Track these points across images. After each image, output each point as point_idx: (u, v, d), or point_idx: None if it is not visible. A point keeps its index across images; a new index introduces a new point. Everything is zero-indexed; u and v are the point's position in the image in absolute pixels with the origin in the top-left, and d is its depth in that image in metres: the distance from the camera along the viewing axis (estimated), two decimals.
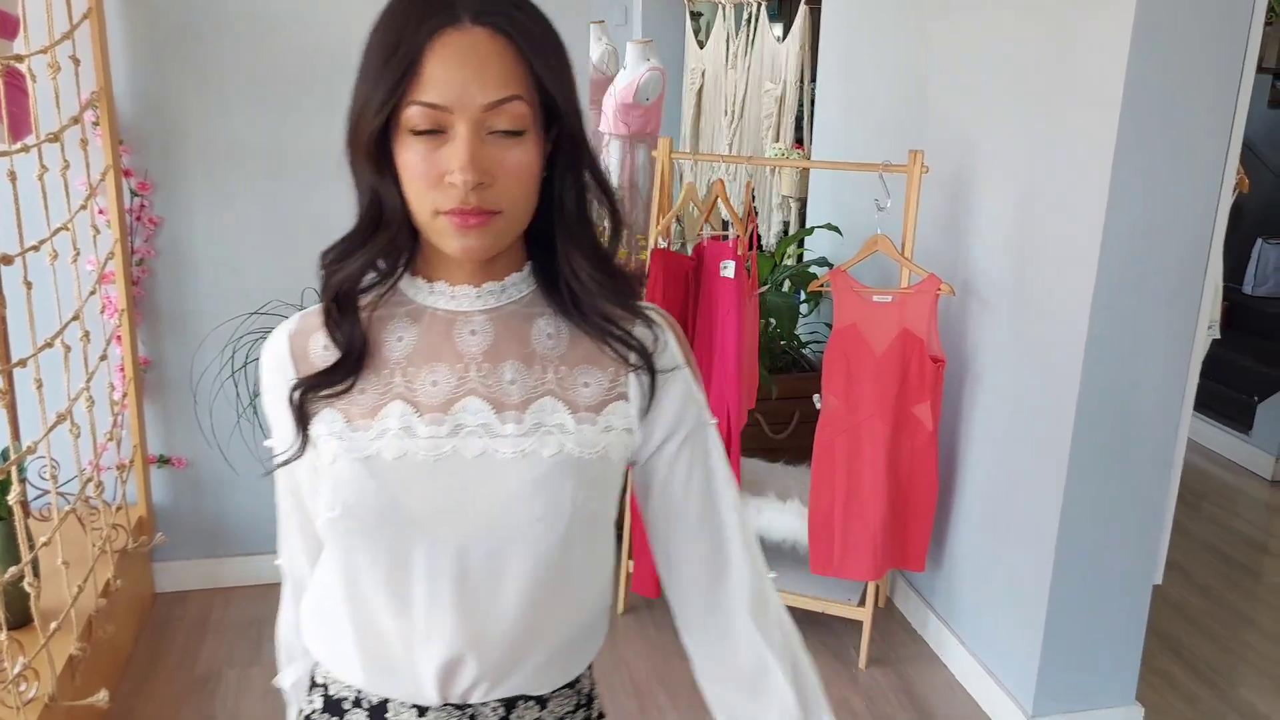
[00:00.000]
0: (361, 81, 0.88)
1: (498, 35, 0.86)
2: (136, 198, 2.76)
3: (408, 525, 0.92)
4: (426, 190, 0.87)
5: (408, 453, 0.92)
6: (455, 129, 0.85)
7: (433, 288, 0.96)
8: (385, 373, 0.95)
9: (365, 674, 0.98)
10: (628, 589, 3.00)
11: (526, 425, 0.93)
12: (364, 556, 0.94)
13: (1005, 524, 2.57)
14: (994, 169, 2.57)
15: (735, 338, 2.68)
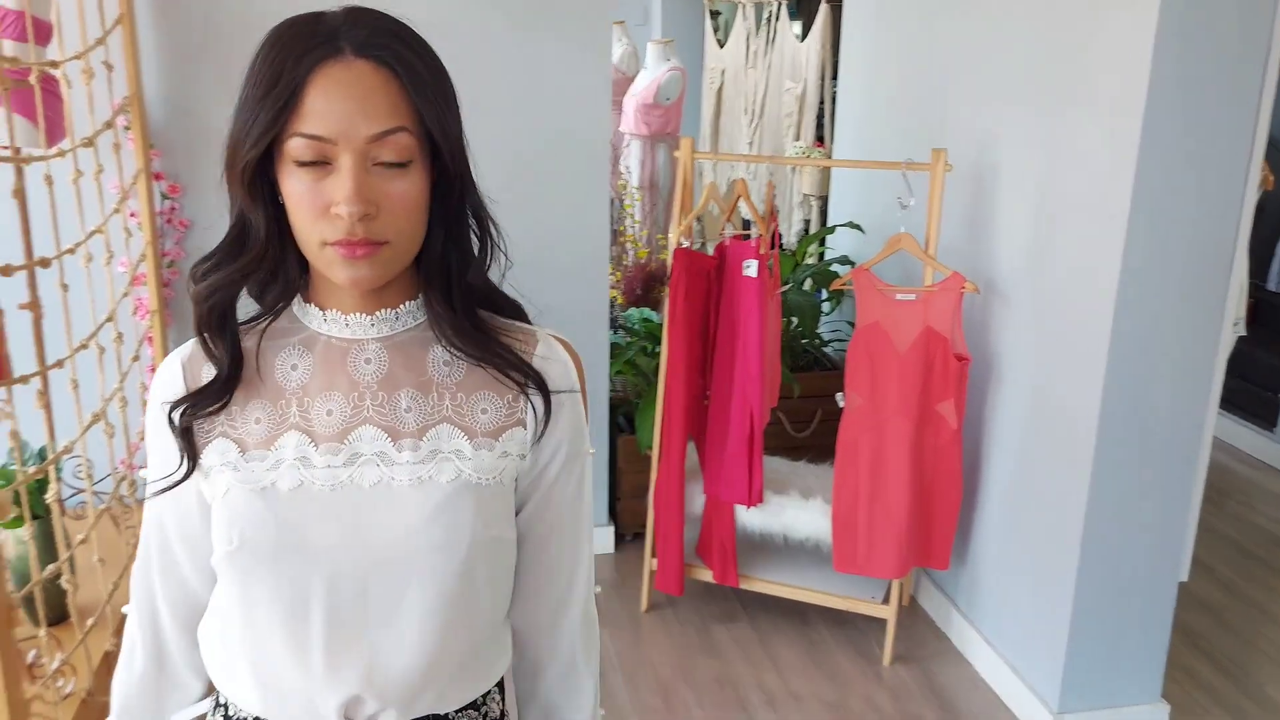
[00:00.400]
0: (241, 109, 0.87)
1: (381, 68, 0.86)
2: (167, 200, 2.80)
3: (306, 557, 0.91)
4: (313, 221, 0.87)
5: (304, 483, 0.92)
6: (340, 160, 0.85)
7: (325, 315, 0.96)
8: (281, 403, 0.95)
9: (264, 705, 0.96)
10: (651, 587, 3.02)
11: (423, 452, 0.93)
12: (262, 590, 0.93)
13: (1029, 521, 2.57)
14: (1016, 166, 2.57)
15: (758, 336, 2.70)
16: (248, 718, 0.99)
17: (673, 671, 2.77)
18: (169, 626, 1.04)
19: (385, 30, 0.88)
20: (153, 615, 1.04)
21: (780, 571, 2.95)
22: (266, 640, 0.94)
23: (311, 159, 0.85)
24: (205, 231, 2.84)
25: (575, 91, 2.97)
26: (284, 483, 0.92)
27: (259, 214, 0.90)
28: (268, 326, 0.97)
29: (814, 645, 2.90)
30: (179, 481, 0.95)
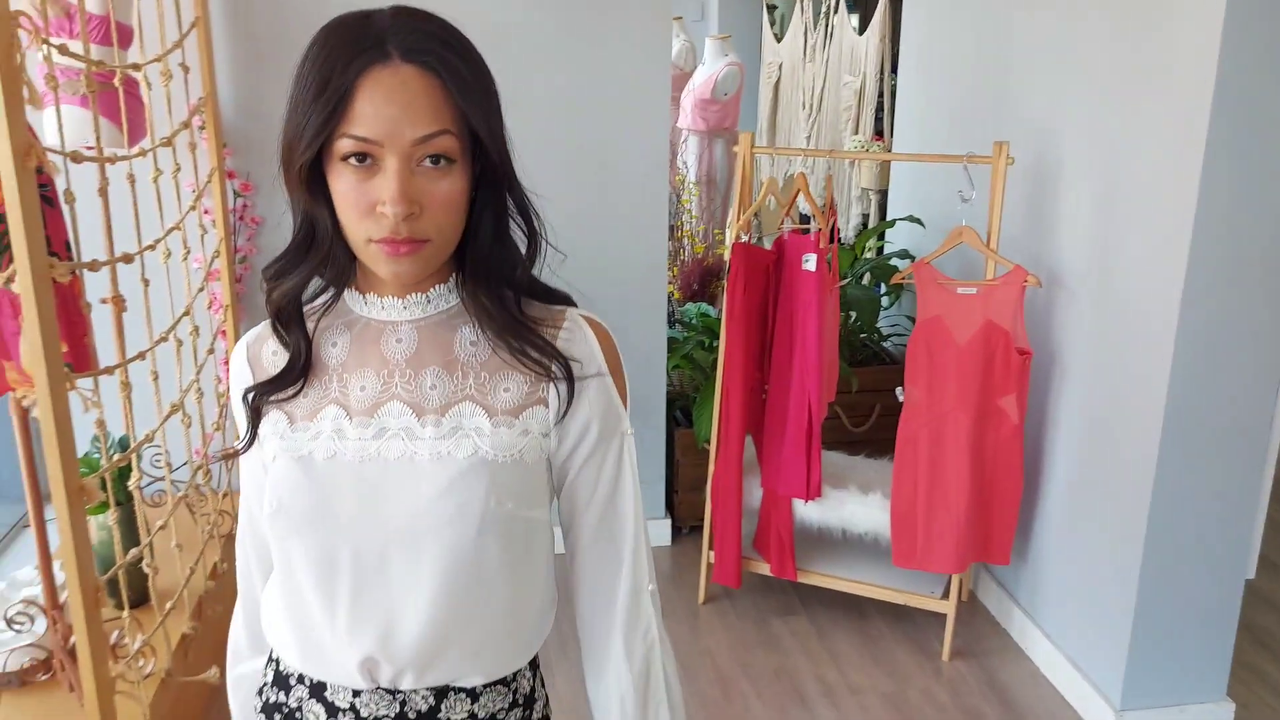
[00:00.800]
0: (294, 112, 0.92)
1: (426, 73, 0.89)
2: (239, 198, 2.88)
3: (335, 524, 0.97)
4: (359, 219, 0.91)
5: (337, 454, 0.98)
6: (385, 162, 0.89)
7: (365, 300, 1.01)
8: (324, 378, 1.01)
9: (301, 658, 1.04)
10: (708, 579, 3.05)
11: (444, 429, 0.98)
12: (298, 552, 0.99)
13: (1092, 517, 2.55)
14: (1079, 158, 2.55)
15: (816, 331, 2.70)
16: (293, 672, 1.06)
17: (731, 663, 2.79)
18: (258, 585, 1.13)
19: (431, 35, 0.91)
20: (247, 575, 1.14)
21: (838, 565, 2.96)
22: (302, 598, 1.01)
23: (359, 159, 0.89)
24: (276, 228, 2.92)
25: (635, 88, 3.00)
26: (320, 452, 0.99)
27: (322, 212, 0.95)
28: (324, 312, 1.03)
29: (872, 639, 2.90)
30: (239, 453, 1.05)
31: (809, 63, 5.23)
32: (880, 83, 4.59)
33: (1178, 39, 2.16)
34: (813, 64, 5.18)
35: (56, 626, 2.08)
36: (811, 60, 5.21)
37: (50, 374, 1.65)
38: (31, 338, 1.63)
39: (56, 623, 2.08)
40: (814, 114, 5.06)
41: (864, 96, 4.62)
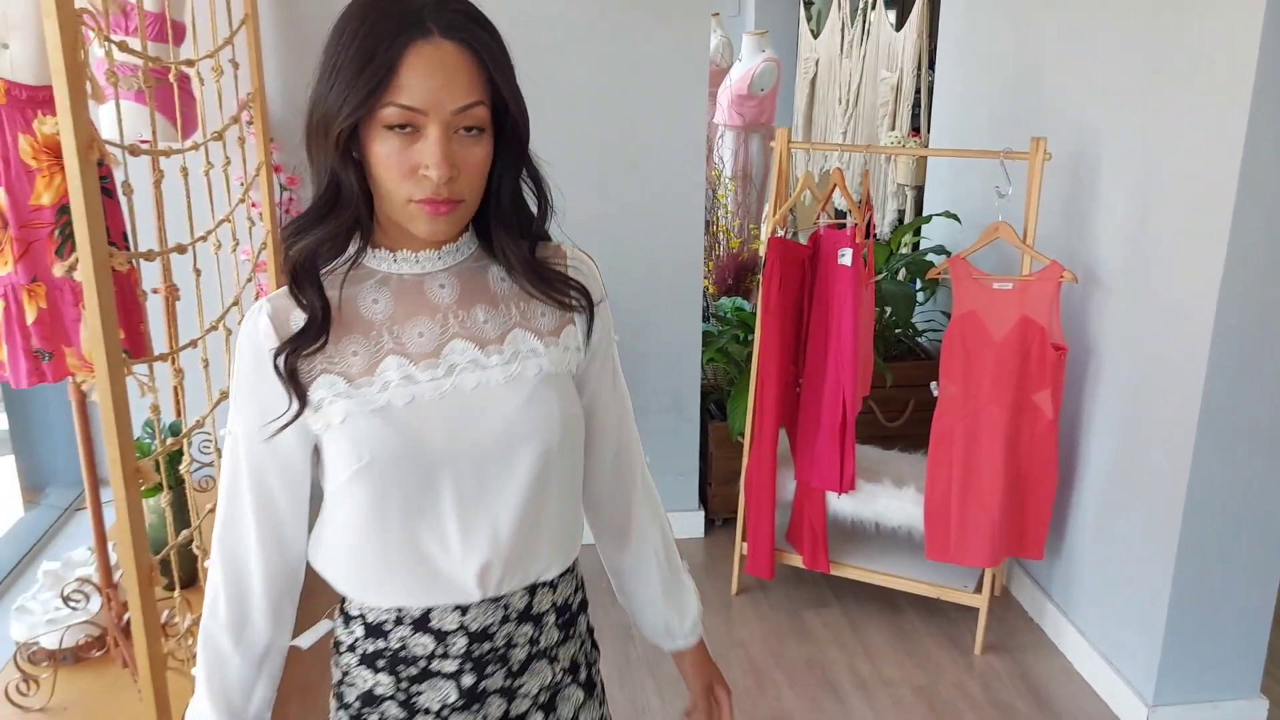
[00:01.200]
0: (332, 82, 0.99)
1: (463, 48, 0.98)
2: (285, 192, 2.95)
3: (430, 458, 1.05)
4: (401, 181, 0.98)
5: (415, 397, 1.05)
6: (428, 130, 0.97)
7: (395, 257, 1.08)
8: (373, 334, 1.07)
9: (408, 593, 1.10)
10: (741, 571, 3.08)
11: (507, 355, 1.09)
12: (395, 494, 1.06)
13: (1127, 513, 2.55)
14: (1117, 154, 2.55)
15: (851, 325, 2.72)
16: (387, 618, 1.11)
17: (763, 654, 2.82)
18: (255, 574, 1.13)
19: (465, 14, 0.99)
20: (238, 567, 1.13)
21: (871, 558, 2.98)
22: (407, 531, 1.07)
23: (401, 125, 0.97)
24: None
25: (673, 84, 3.03)
26: (398, 400, 1.05)
27: (350, 174, 1.01)
28: (348, 273, 1.08)
29: (904, 632, 2.92)
30: (294, 419, 1.05)
31: (846, 58, 5.23)
32: (917, 78, 4.59)
33: (1217, 34, 2.16)
34: (849, 60, 5.18)
35: (110, 605, 2.15)
36: (848, 56, 5.22)
37: (109, 360, 1.71)
38: (91, 324, 1.69)
39: (111, 601, 2.15)
40: (850, 110, 5.07)
41: (900, 92, 4.62)
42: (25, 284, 1.92)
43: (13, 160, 1.86)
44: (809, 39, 5.80)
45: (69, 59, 1.56)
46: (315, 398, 1.06)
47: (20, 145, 1.86)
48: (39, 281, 1.93)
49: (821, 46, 5.57)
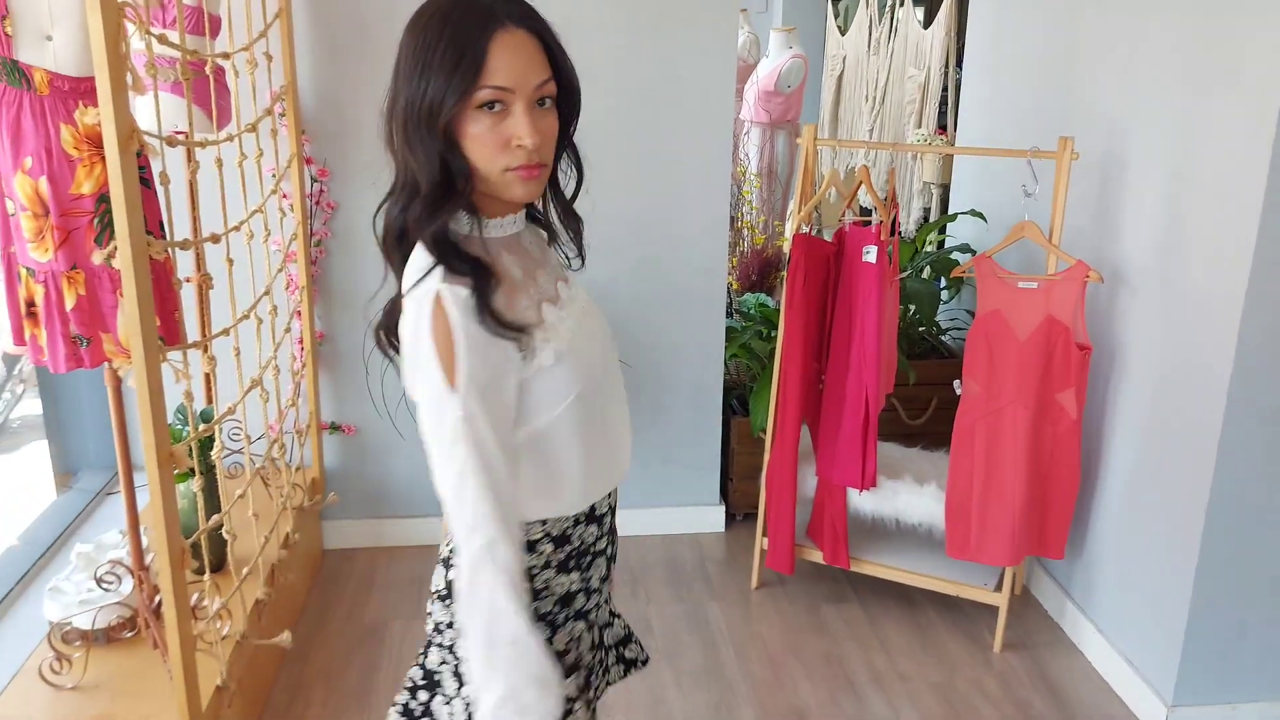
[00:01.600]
0: (427, 78, 1.12)
1: (532, 35, 1.15)
2: (316, 184, 2.99)
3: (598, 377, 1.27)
4: (495, 154, 1.15)
5: (573, 337, 1.23)
6: (514, 106, 1.13)
7: (500, 223, 1.24)
8: (528, 289, 1.24)
9: (601, 489, 1.33)
10: (761, 565, 3.10)
11: (573, 290, 1.31)
12: (597, 408, 1.27)
13: (1149, 513, 2.55)
14: (1145, 154, 2.55)
15: (875, 322, 2.73)
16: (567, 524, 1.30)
17: (782, 647, 2.84)
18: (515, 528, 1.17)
19: (526, 7, 1.16)
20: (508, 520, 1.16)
21: (891, 555, 2.99)
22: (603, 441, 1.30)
23: (492, 105, 1.13)
24: (351, 213, 3.02)
25: (701, 80, 3.05)
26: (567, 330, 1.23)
27: (457, 157, 1.16)
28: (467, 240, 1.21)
29: (923, 629, 2.93)
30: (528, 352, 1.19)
31: (873, 56, 5.23)
32: (944, 76, 4.58)
33: (1251, 34, 2.16)
34: (876, 57, 5.18)
35: (142, 587, 2.20)
36: (875, 53, 5.21)
37: (146, 346, 1.75)
38: (129, 311, 1.73)
39: (142, 583, 2.20)
40: (877, 107, 5.07)
41: (928, 90, 4.61)
42: (65, 271, 1.97)
43: (54, 150, 1.90)
44: (836, 36, 5.79)
45: (111, 51, 1.60)
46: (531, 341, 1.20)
47: (62, 135, 1.90)
48: (78, 269, 1.97)
49: (849, 43, 5.56)
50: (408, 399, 3.05)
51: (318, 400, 3.11)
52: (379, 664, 2.73)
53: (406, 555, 3.26)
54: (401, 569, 3.19)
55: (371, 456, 3.23)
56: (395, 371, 3.03)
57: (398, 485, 3.26)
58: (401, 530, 3.28)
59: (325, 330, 3.11)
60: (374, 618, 2.94)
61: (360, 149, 2.97)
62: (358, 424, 3.19)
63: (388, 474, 3.25)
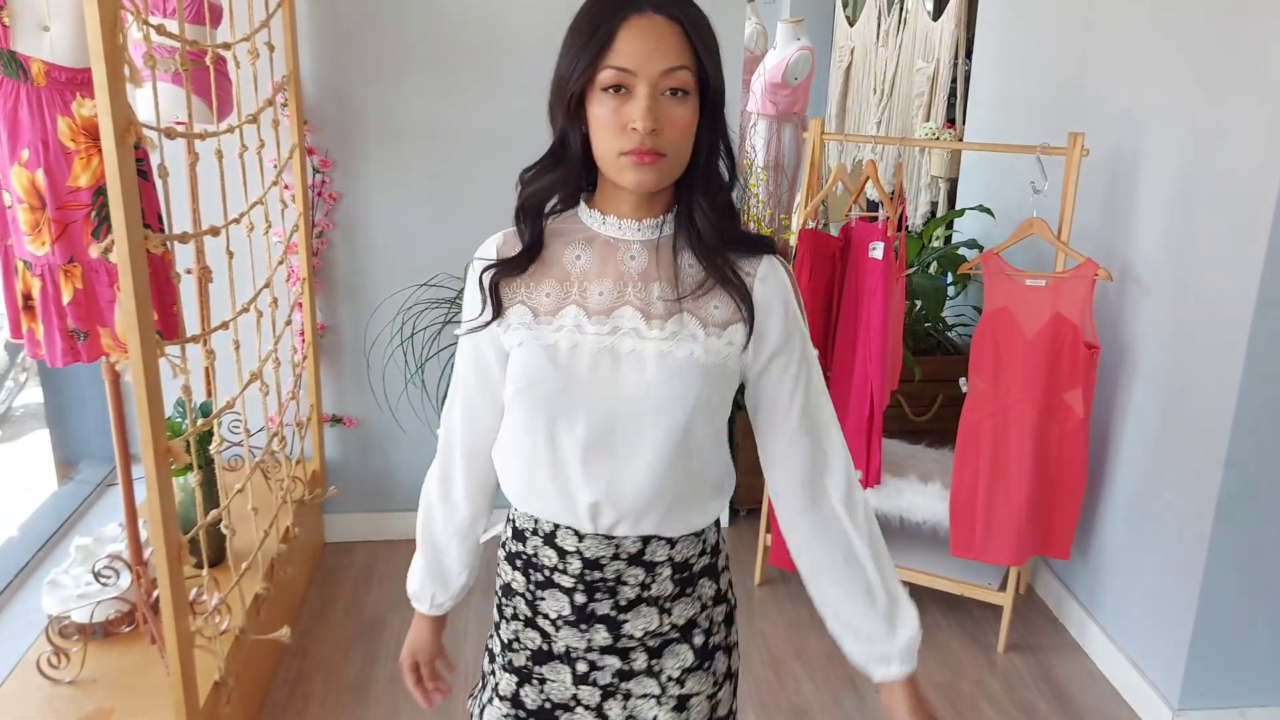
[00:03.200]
0: (565, 57, 1.15)
1: (671, 21, 1.12)
2: (318, 174, 2.96)
3: (574, 398, 1.19)
4: (613, 136, 1.12)
5: (578, 345, 1.19)
6: (637, 89, 1.10)
7: (605, 220, 1.22)
8: (566, 284, 1.22)
9: (541, 505, 1.26)
10: (764, 562, 3.08)
11: (668, 332, 1.19)
12: (543, 416, 1.21)
13: (1157, 514, 2.53)
14: (1157, 151, 2.51)
15: (881, 319, 2.71)
16: (528, 526, 1.29)
17: (784, 645, 2.82)
18: (457, 449, 1.36)
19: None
20: (448, 440, 1.36)
21: (895, 553, 2.91)
22: (542, 450, 1.23)
23: (615, 86, 1.11)
24: (353, 203, 3.00)
25: None
26: (564, 343, 1.20)
27: (575, 133, 1.17)
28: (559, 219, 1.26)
29: (926, 628, 2.88)
30: (484, 325, 1.24)
31: (881, 48, 5.18)
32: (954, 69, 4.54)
33: (1270, 29, 2.12)
34: (885, 49, 5.14)
35: (140, 581, 2.18)
36: (884, 45, 5.17)
37: (143, 341, 1.73)
38: (126, 306, 1.71)
39: (140, 578, 2.18)
40: (885, 100, 5.02)
41: (936, 83, 4.57)
42: (62, 264, 1.94)
43: (51, 142, 1.88)
44: (845, 27, 5.75)
45: (108, 43, 1.57)
46: (508, 320, 1.23)
47: (59, 127, 1.87)
48: (75, 262, 1.95)
49: (857, 35, 5.52)
50: (409, 390, 3.05)
51: (319, 392, 3.09)
52: (378, 658, 2.72)
53: (407, 548, 3.20)
54: (402, 562, 3.15)
55: (373, 449, 3.21)
56: (395, 365, 3.01)
57: (399, 478, 3.24)
58: (403, 523, 3.27)
59: (327, 322, 3.09)
60: (373, 611, 2.93)
61: (363, 139, 2.95)
62: (359, 416, 3.17)
63: (389, 467, 3.23)
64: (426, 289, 2.97)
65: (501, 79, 2.94)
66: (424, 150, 2.98)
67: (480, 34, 2.91)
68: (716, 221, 1.19)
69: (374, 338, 3.06)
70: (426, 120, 2.96)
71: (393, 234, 3.03)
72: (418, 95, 2.93)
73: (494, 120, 2.97)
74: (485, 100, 2.94)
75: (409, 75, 2.92)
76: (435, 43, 2.91)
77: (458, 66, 2.93)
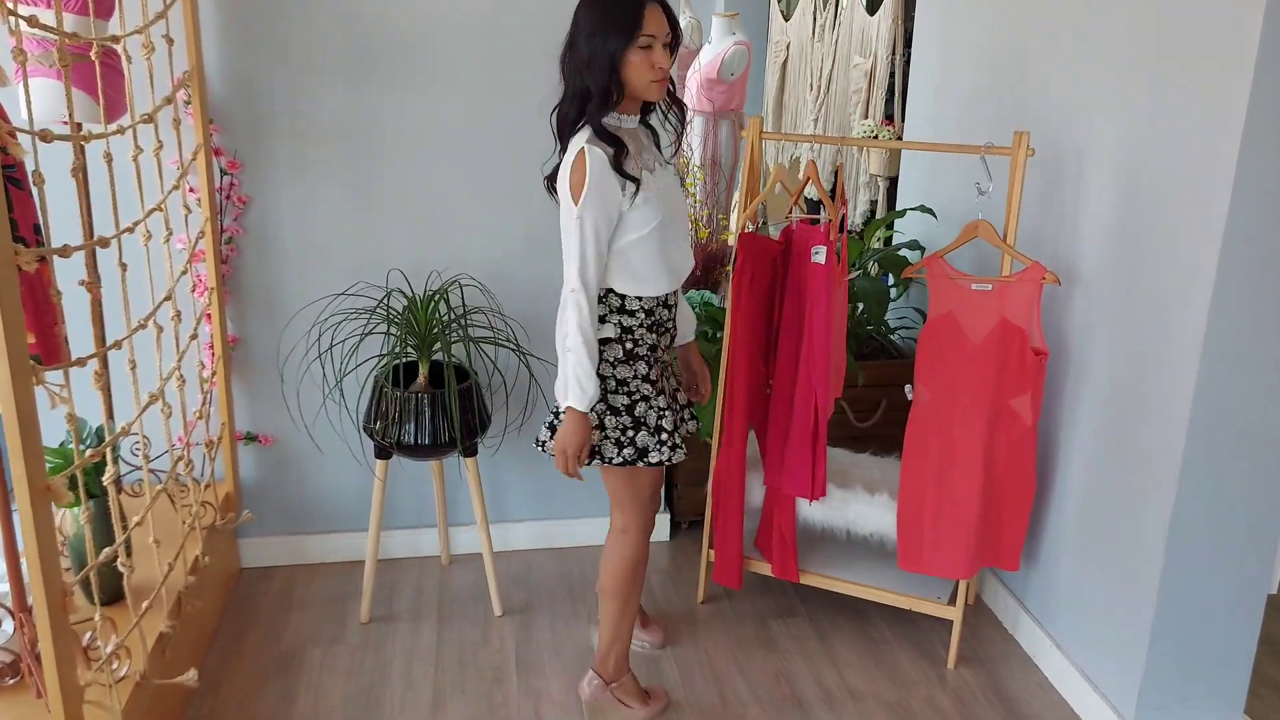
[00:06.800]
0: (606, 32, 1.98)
1: (660, 8, 2.01)
2: (226, 176, 2.77)
3: (672, 216, 2.16)
4: (647, 72, 2.01)
5: (663, 188, 2.14)
6: (656, 46, 1.99)
7: (627, 119, 2.12)
8: (638, 160, 2.10)
9: (668, 284, 2.21)
10: (708, 579, 2.96)
11: (670, 171, 2.23)
12: (667, 234, 2.14)
13: (1108, 524, 2.46)
14: (1103, 146, 2.44)
15: (824, 326, 2.60)
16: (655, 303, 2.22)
17: (728, 665, 2.70)
18: (595, 289, 2.12)
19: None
20: (589, 287, 2.09)
21: (841, 567, 2.87)
22: (667, 254, 2.17)
23: (646, 45, 1.98)
24: (266, 208, 2.81)
25: None
26: (657, 188, 2.12)
27: (617, 79, 2.02)
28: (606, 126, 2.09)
29: (874, 644, 2.82)
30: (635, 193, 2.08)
31: (817, 43, 5.09)
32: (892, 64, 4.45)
33: (1215, 14, 2.04)
34: (821, 44, 5.05)
35: (24, 630, 1.99)
36: (820, 40, 5.08)
37: (13, 369, 1.55)
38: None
39: (24, 625, 1.99)
40: (821, 96, 4.93)
41: (874, 79, 4.48)
42: None
43: None
44: (780, 22, 5.66)
45: None
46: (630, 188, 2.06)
47: None
48: None
49: (792, 30, 5.43)
50: (326, 406, 2.87)
51: (231, 409, 2.90)
52: (295, 694, 2.55)
53: (328, 572, 3.07)
54: (322, 587, 3.00)
55: (291, 468, 3.03)
56: (312, 379, 2.82)
57: (319, 499, 3.06)
58: (322, 546, 3.09)
59: (239, 334, 2.90)
60: (291, 643, 2.75)
61: (275, 139, 2.76)
62: (275, 434, 2.98)
63: (308, 487, 3.05)
64: (346, 299, 2.79)
65: (425, 73, 2.78)
66: (341, 150, 2.80)
67: (402, 25, 2.74)
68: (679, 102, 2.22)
69: (289, 351, 2.87)
70: (344, 118, 2.78)
71: (308, 240, 2.85)
72: (334, 91, 2.76)
73: (417, 118, 2.80)
74: (408, 96, 2.78)
75: (324, 70, 2.74)
76: (353, 34, 2.73)
77: (378, 60, 2.76)
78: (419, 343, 2.67)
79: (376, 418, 2.65)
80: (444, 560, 3.15)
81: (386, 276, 2.85)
